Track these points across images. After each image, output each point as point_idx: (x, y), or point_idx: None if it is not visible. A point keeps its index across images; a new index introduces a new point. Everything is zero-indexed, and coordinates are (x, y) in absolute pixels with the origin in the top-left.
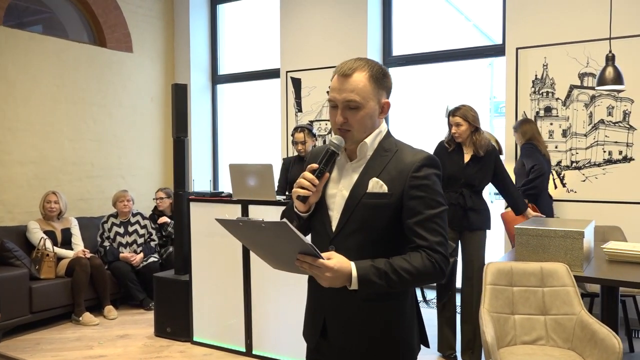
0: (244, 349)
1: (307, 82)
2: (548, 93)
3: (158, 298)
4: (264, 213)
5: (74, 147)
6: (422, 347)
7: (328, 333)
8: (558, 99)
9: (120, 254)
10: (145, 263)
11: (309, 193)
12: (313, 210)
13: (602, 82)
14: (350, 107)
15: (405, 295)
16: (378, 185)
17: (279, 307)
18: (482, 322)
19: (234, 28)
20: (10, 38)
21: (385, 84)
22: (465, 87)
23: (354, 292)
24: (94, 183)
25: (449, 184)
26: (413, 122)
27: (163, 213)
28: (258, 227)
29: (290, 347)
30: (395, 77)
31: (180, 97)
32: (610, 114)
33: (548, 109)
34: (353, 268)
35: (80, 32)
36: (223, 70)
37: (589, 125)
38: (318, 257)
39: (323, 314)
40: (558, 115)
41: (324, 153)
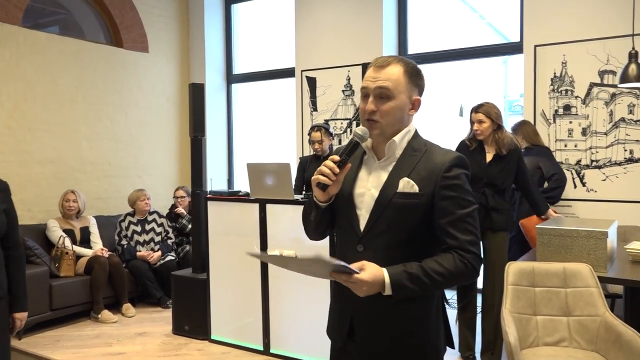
0: (262, 348)
1: (322, 81)
2: (567, 91)
3: (176, 296)
4: (282, 212)
5: (91, 146)
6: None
7: (355, 334)
8: (577, 97)
9: (138, 253)
10: (163, 261)
11: (329, 181)
12: (340, 208)
13: (625, 79)
14: (382, 95)
15: (432, 296)
16: (409, 185)
17: (297, 305)
18: (504, 322)
19: (249, 27)
20: (29, 39)
21: (418, 82)
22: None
23: (389, 297)
24: (111, 182)
25: (471, 184)
26: (428, 120)
27: (180, 213)
28: (290, 259)
29: (308, 346)
30: None
31: (198, 96)
32: (632, 112)
33: (567, 107)
34: (385, 275)
35: (97, 32)
36: (238, 70)
37: (610, 124)
38: (352, 273)
39: (350, 315)
40: (577, 114)
41: (347, 143)
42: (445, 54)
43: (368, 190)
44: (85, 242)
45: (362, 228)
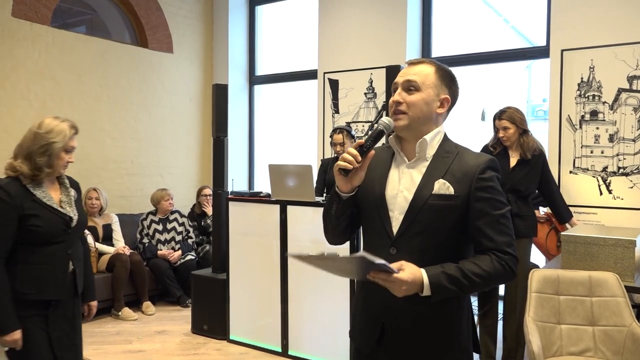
0: (280, 349)
1: (344, 83)
2: (594, 96)
3: (195, 295)
4: (303, 214)
5: (115, 145)
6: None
7: (386, 340)
8: (605, 103)
9: (158, 251)
10: (183, 260)
11: (350, 167)
12: (370, 211)
13: None
14: (409, 87)
15: (463, 300)
16: (445, 187)
17: (316, 307)
18: (527, 331)
19: (272, 29)
20: (57, 38)
21: (449, 84)
22: (502, 90)
23: (427, 298)
24: (134, 180)
25: None
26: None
27: (204, 212)
28: (332, 259)
29: (327, 348)
30: None
31: (221, 97)
32: None
33: (594, 113)
34: (424, 275)
35: (123, 32)
36: (260, 71)
37: (638, 130)
38: (392, 272)
39: (382, 320)
40: (605, 120)
41: (373, 130)
42: (471, 58)
43: (400, 192)
44: (108, 239)
45: (395, 230)
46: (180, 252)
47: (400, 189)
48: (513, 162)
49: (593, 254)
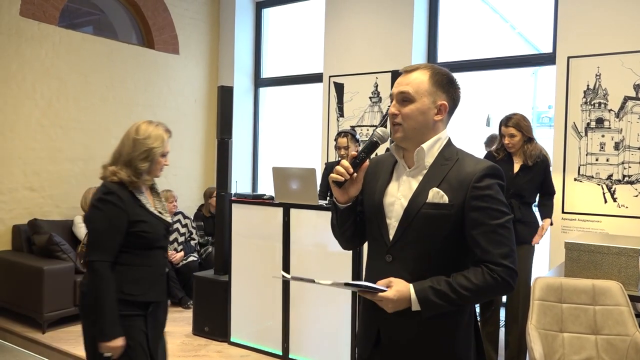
0: (281, 352)
1: (349, 87)
2: (600, 104)
3: (197, 297)
4: (306, 217)
5: None
6: None
7: (382, 345)
8: (611, 111)
9: None
10: (185, 262)
11: (341, 179)
12: (370, 218)
13: None
14: (404, 99)
15: (463, 310)
16: (439, 196)
17: (317, 311)
18: (529, 338)
19: (278, 32)
20: (65, 38)
21: (447, 89)
22: (507, 96)
23: (418, 312)
24: None
25: None
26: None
27: (212, 214)
28: (320, 284)
29: (327, 352)
30: None
31: (226, 99)
32: None
33: (600, 121)
34: (412, 291)
35: (129, 33)
36: (266, 74)
37: None
38: (377, 291)
39: (377, 325)
40: (610, 127)
41: (367, 142)
42: (477, 63)
43: (398, 200)
44: None
45: (391, 237)
46: (183, 253)
47: (398, 197)
48: (517, 167)
49: (597, 262)
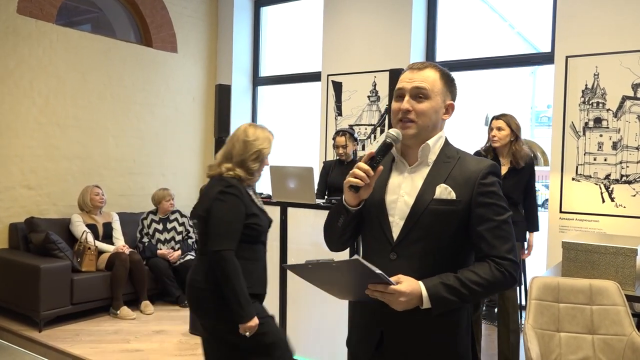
0: None
1: (348, 86)
2: (598, 103)
3: None
4: (303, 216)
5: (118, 144)
6: None
7: (385, 347)
8: (609, 110)
9: (158, 251)
10: (182, 260)
11: (362, 183)
12: (369, 216)
13: None
14: (419, 95)
15: (463, 308)
16: (446, 192)
17: (315, 312)
18: (526, 338)
19: (277, 31)
20: (62, 36)
21: (452, 88)
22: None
23: (428, 311)
24: (135, 180)
25: None
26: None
27: None
28: (328, 267)
29: (325, 353)
30: None
31: (224, 97)
32: None
33: (598, 120)
34: (422, 288)
35: (128, 31)
36: (264, 72)
37: None
38: (390, 284)
39: (381, 327)
40: (608, 127)
41: (381, 144)
42: (476, 62)
43: (401, 197)
44: (108, 237)
45: (395, 236)
46: (180, 251)
47: (401, 194)
48: (504, 170)
49: (594, 262)
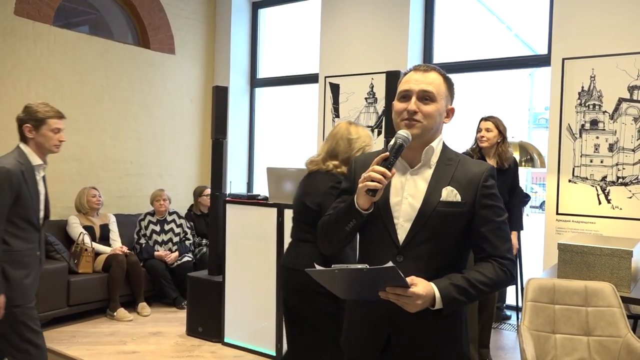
0: (274, 353)
1: (345, 87)
2: (595, 105)
3: (191, 297)
4: None
5: (115, 145)
6: None
7: (392, 349)
8: (605, 112)
9: (155, 252)
10: (180, 262)
11: (380, 186)
12: (373, 219)
13: None
14: (425, 97)
15: (463, 309)
16: (453, 194)
17: None
18: (521, 339)
19: (274, 32)
20: (59, 38)
21: (452, 93)
22: (504, 97)
23: (439, 311)
24: (133, 181)
25: None
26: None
27: (205, 213)
28: (357, 273)
29: None
30: None
31: (221, 99)
32: None
33: (594, 122)
34: (435, 289)
35: (125, 33)
36: (262, 74)
37: (638, 140)
38: (407, 287)
39: (388, 330)
40: (605, 129)
41: (392, 146)
42: (472, 65)
43: (405, 199)
44: (105, 239)
45: (401, 238)
46: (177, 253)
47: (405, 196)
48: None
49: (589, 264)
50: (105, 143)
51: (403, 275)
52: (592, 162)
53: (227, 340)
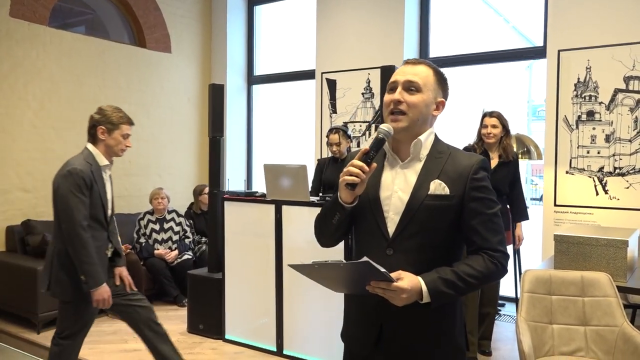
0: (275, 349)
1: (342, 83)
2: (591, 97)
3: (191, 295)
4: (298, 213)
5: None
6: None
7: (385, 341)
8: (601, 103)
9: (155, 251)
10: (180, 260)
11: (357, 180)
12: (364, 212)
13: None
14: (410, 87)
15: (457, 300)
16: (440, 187)
17: (311, 307)
18: (518, 330)
19: (271, 29)
20: (55, 38)
21: (444, 87)
22: (502, 90)
23: (427, 304)
24: (132, 180)
25: None
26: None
27: (202, 211)
28: (335, 267)
29: (321, 347)
30: None
31: (217, 97)
32: None
33: (591, 113)
34: (422, 283)
35: (121, 32)
36: (259, 71)
37: (634, 131)
38: (392, 281)
39: (380, 322)
40: (601, 120)
41: (373, 140)
42: (469, 58)
43: (395, 193)
44: None
45: (391, 231)
46: (177, 251)
47: (395, 190)
48: (493, 163)
49: (586, 254)
50: None
51: (382, 270)
52: (589, 153)
53: (227, 337)
